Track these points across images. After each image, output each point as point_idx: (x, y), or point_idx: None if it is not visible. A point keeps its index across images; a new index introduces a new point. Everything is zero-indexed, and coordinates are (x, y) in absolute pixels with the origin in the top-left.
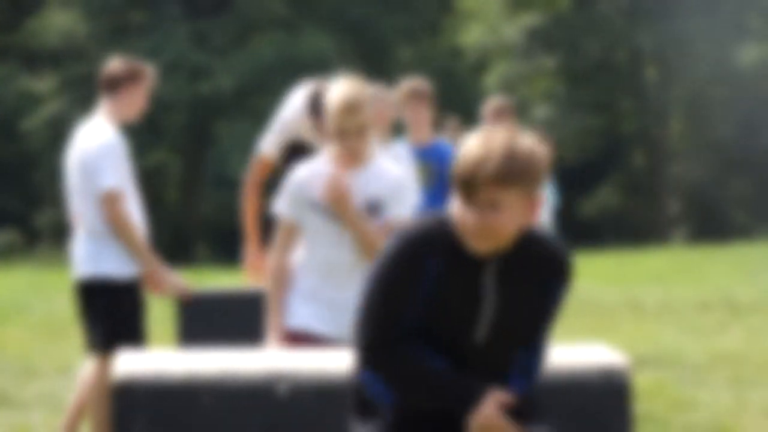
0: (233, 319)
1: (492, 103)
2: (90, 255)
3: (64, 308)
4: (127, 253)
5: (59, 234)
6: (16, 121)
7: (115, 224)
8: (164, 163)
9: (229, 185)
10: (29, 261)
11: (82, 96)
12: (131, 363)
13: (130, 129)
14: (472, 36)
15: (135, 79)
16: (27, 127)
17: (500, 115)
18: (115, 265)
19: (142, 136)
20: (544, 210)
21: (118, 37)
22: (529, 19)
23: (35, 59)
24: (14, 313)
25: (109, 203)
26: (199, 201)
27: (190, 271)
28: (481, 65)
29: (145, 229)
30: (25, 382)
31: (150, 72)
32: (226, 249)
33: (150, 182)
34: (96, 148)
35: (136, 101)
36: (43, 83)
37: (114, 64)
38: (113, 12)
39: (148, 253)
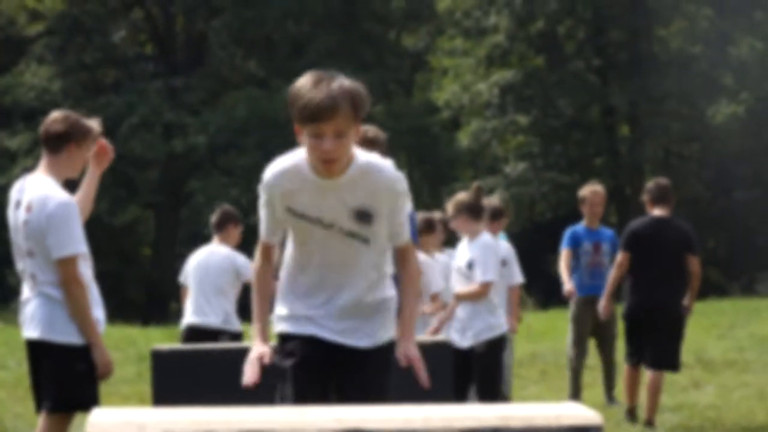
0: (209, 376)
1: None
2: (44, 318)
3: None
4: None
5: None
6: None
7: (70, 287)
8: (138, 220)
9: (203, 242)
10: (3, 319)
11: None
12: (106, 419)
13: (104, 185)
14: (447, 93)
15: (78, 140)
16: (0, 184)
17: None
18: (70, 331)
19: (116, 192)
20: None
21: (92, 94)
22: (503, 77)
23: (9, 116)
24: None
25: (71, 266)
26: (172, 258)
27: (165, 328)
28: (455, 122)
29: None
30: None
31: (93, 127)
32: None
33: (124, 239)
34: (53, 210)
35: (77, 162)
36: (16, 140)
37: (55, 120)
38: (87, 69)
39: (94, 325)
